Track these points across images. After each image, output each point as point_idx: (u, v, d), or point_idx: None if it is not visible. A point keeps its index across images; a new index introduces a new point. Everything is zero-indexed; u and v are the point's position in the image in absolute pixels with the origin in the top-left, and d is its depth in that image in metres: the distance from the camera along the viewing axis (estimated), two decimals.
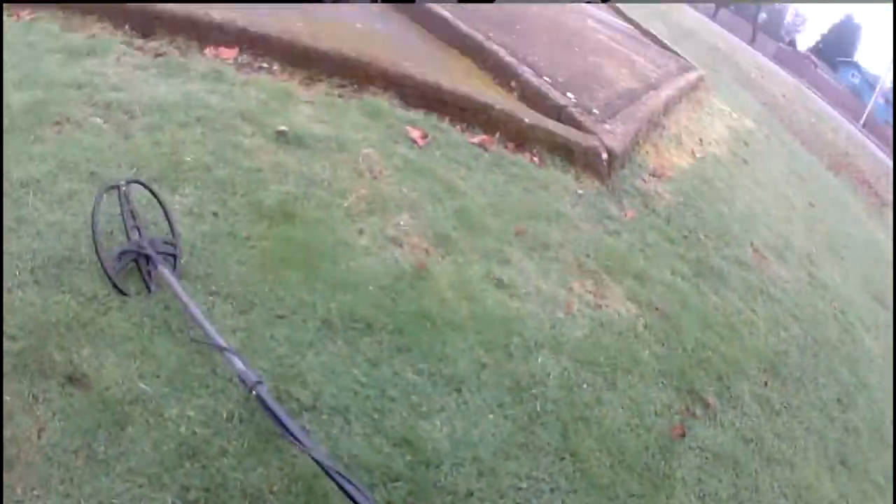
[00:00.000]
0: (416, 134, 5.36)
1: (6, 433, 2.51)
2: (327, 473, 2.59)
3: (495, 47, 7.47)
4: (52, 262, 3.19)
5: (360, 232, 4.13)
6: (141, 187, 3.66)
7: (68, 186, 3.67)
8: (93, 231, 3.28)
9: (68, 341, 2.87)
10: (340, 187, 4.43)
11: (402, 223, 4.32)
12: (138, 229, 3.42)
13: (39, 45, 5.07)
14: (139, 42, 5.52)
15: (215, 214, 3.83)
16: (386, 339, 3.46)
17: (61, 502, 2.38)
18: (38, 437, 2.53)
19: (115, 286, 3.18)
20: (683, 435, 3.90)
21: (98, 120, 4.32)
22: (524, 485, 3.12)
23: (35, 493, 2.37)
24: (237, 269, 3.51)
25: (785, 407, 4.79)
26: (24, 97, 4.31)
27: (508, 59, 7.30)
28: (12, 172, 3.63)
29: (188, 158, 4.16)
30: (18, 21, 5.39)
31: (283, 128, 4.76)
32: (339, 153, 4.77)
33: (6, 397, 2.61)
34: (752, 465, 4.06)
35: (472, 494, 2.98)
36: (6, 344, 2.78)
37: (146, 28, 5.64)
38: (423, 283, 3.90)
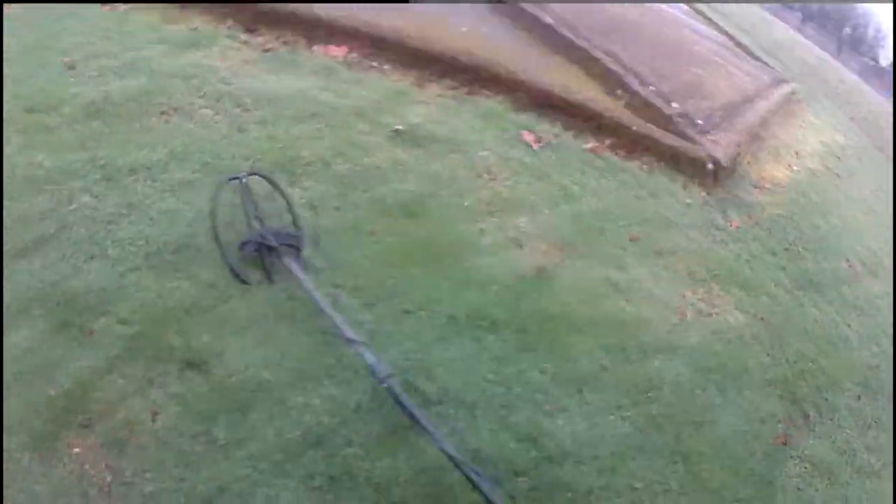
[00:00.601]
0: (530, 138, 5.32)
1: (118, 416, 2.53)
2: (458, 466, 2.62)
3: (601, 55, 7.40)
4: (168, 248, 3.23)
5: (482, 232, 4.12)
6: (258, 178, 3.67)
7: (180, 175, 3.70)
8: (215, 221, 3.30)
9: (187, 327, 2.90)
10: (460, 187, 4.43)
11: (521, 225, 4.31)
12: (261, 220, 3.45)
13: (139, 35, 5.03)
14: (244, 36, 5.47)
15: (337, 209, 3.85)
16: (511, 338, 3.44)
17: (176, 485, 2.39)
18: (153, 420, 2.55)
19: (237, 275, 3.20)
20: (785, 443, 3.83)
21: (208, 111, 4.34)
22: (639, 485, 3.10)
23: (147, 475, 2.39)
24: (361, 264, 3.53)
25: (875, 421, 4.66)
26: (126, 85, 4.34)
27: (615, 67, 7.20)
28: (118, 159, 3.67)
29: (305, 153, 4.18)
30: (112, 11, 5.30)
31: (399, 126, 4.76)
32: (456, 154, 4.76)
33: (119, 380, 2.64)
34: (845, 475, 3.99)
35: (591, 492, 2.97)
36: (119, 328, 2.81)
37: (249, 23, 5.60)
38: (544, 285, 3.89)
